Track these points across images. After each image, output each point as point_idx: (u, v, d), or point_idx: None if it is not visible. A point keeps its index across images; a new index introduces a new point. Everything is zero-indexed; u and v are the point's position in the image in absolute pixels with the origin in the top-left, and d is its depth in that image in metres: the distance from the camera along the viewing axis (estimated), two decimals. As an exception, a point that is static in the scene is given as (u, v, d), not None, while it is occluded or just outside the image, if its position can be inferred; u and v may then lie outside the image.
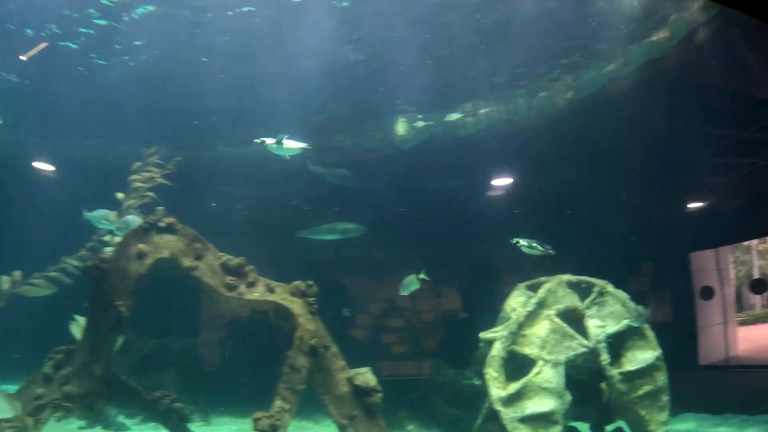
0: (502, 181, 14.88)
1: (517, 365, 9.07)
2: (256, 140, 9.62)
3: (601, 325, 9.16)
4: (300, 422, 11.61)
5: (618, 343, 9.16)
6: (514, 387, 8.73)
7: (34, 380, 7.94)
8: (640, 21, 11.02)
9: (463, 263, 14.86)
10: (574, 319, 9.29)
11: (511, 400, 8.67)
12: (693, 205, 15.24)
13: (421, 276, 10.92)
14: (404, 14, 10.88)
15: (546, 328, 9.04)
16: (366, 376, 7.91)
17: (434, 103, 13.69)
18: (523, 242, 10.35)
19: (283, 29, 11.19)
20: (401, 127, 14.39)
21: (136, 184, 9.85)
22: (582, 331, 9.12)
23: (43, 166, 14.48)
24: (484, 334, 9.61)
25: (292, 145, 9.74)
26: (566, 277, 9.70)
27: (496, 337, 9.20)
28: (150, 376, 11.70)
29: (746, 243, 20.38)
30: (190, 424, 9.06)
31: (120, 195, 9.88)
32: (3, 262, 10.01)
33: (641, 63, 11.54)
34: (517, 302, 9.77)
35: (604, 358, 8.93)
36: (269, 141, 9.57)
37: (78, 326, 9.39)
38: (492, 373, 8.90)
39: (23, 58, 8.75)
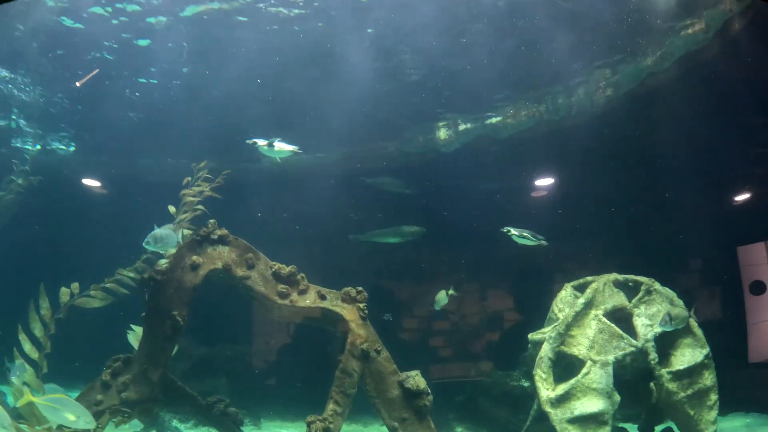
0: (545, 182, 14.93)
1: (565, 366, 9.15)
2: (248, 141, 9.84)
3: (649, 323, 9.14)
4: (349, 425, 11.87)
5: (666, 342, 9.13)
6: (562, 388, 8.79)
7: (93, 387, 8.35)
8: (675, 13, 10.99)
9: (509, 265, 14.87)
10: (621, 318, 9.31)
11: (560, 401, 8.74)
12: (739, 198, 15.06)
13: (450, 292, 11.07)
14: (442, 21, 11.02)
15: (594, 328, 9.08)
16: (416, 379, 8.05)
17: (475, 107, 13.83)
18: (514, 231, 10.25)
19: (325, 40, 11.47)
20: (443, 131, 14.56)
21: (188, 198, 10.18)
22: (630, 330, 9.13)
23: (94, 182, 15.23)
24: (533, 335, 9.68)
25: (283, 147, 9.92)
26: (613, 276, 9.68)
27: (544, 338, 9.26)
28: (202, 382, 12.06)
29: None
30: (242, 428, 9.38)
31: (172, 209, 10.24)
32: (62, 275, 10.45)
33: (679, 56, 11.51)
34: (564, 303, 9.80)
35: (653, 357, 8.91)
36: (261, 142, 9.80)
37: (134, 335, 9.72)
38: (541, 374, 8.98)
39: (78, 84, 9.19)
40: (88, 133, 15.14)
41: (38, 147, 15.77)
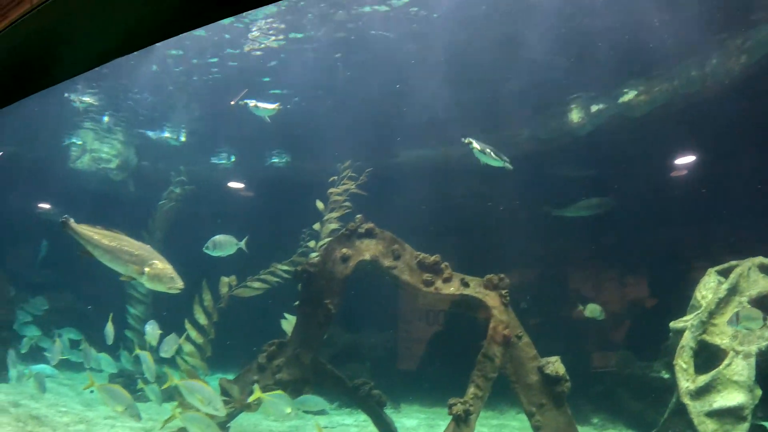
0: (684, 160, 14.56)
1: (707, 356, 9.19)
2: (239, 102, 11.00)
3: (796, 312, 8.88)
4: (486, 412, 12.40)
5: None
6: (703, 379, 8.87)
7: (250, 369, 9.67)
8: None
9: (651, 249, 14.54)
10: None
11: (700, 393, 8.84)
12: None
13: (580, 309, 11.58)
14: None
15: (738, 317, 9.07)
16: (556, 365, 8.52)
17: (606, 86, 13.84)
18: (476, 145, 9.65)
19: (461, 34, 12.06)
20: (575, 114, 14.68)
21: (335, 197, 11.38)
22: (776, 319, 8.98)
23: (242, 186, 17.52)
24: (674, 324, 9.80)
25: (266, 106, 11.05)
26: (759, 260, 9.53)
27: (686, 326, 9.36)
28: (346, 367, 13.00)
29: None
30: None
31: (320, 205, 11.48)
32: (221, 268, 11.88)
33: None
34: (707, 289, 9.76)
35: (798, 349, 8.72)
36: (252, 103, 10.94)
37: (288, 323, 11.03)
38: (681, 364, 9.11)
39: (232, 103, 10.64)
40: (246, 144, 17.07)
41: (233, 159, 18.01)
